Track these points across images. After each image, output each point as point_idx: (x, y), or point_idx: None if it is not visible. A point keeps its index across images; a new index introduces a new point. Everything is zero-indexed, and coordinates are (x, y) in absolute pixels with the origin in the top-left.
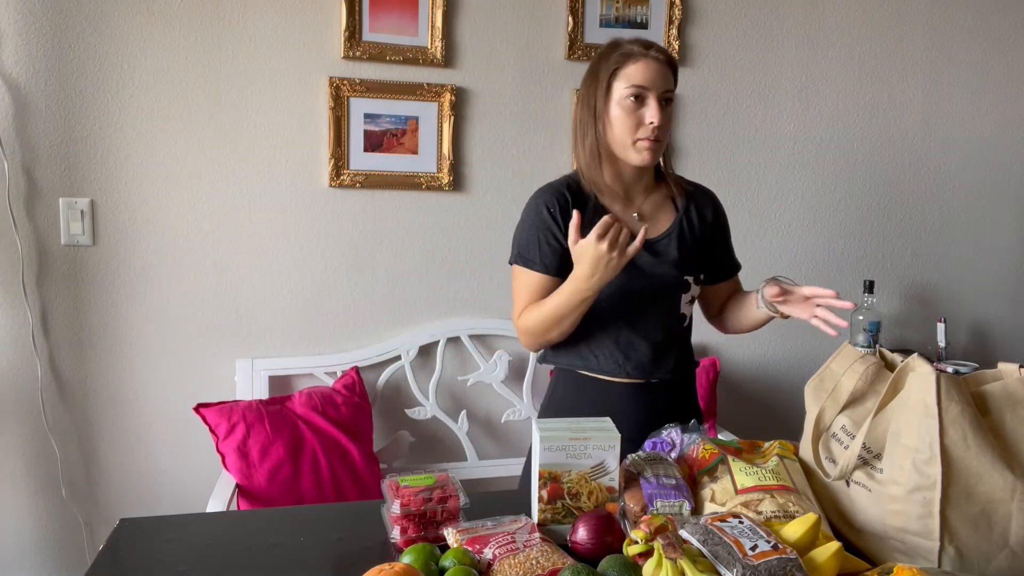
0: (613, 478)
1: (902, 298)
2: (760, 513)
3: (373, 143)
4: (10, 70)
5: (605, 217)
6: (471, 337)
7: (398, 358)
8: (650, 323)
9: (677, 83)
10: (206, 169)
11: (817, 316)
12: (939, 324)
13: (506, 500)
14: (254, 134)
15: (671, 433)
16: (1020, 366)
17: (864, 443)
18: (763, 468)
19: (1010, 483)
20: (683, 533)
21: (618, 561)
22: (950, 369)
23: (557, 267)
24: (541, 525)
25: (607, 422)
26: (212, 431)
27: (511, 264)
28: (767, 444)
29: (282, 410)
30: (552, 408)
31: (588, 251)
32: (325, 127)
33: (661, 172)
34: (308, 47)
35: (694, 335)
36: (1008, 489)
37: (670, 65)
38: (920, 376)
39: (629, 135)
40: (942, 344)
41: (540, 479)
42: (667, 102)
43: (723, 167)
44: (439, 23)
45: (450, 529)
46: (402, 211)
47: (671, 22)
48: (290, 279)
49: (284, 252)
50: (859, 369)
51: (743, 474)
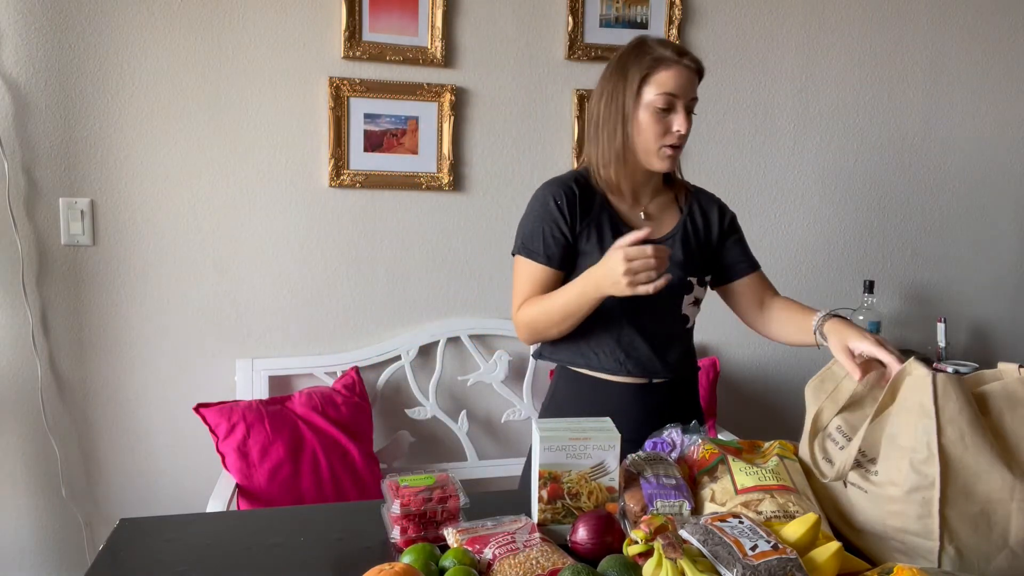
0: (613, 478)
1: (902, 298)
2: (760, 513)
3: (373, 143)
4: (10, 70)
5: (640, 233)
6: (471, 337)
7: (398, 358)
8: (652, 323)
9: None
10: (206, 169)
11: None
12: (939, 324)
13: (506, 500)
14: (254, 134)
15: (671, 433)
16: (1020, 366)
17: (860, 447)
18: (763, 468)
19: (1009, 483)
20: (683, 533)
21: (618, 561)
22: (950, 369)
23: (560, 260)
24: (541, 525)
25: (607, 422)
26: (212, 431)
27: (514, 255)
28: (767, 444)
29: (282, 410)
30: (553, 408)
31: (611, 262)
32: (325, 127)
33: (669, 174)
34: (308, 47)
35: (694, 335)
36: (1008, 489)
37: (699, 73)
38: (917, 379)
39: (655, 141)
40: (942, 344)
41: (540, 479)
42: (691, 111)
43: (723, 167)
44: (439, 23)
45: (450, 529)
46: (402, 211)
47: (671, 22)
48: (290, 279)
49: (284, 252)
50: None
51: (743, 474)
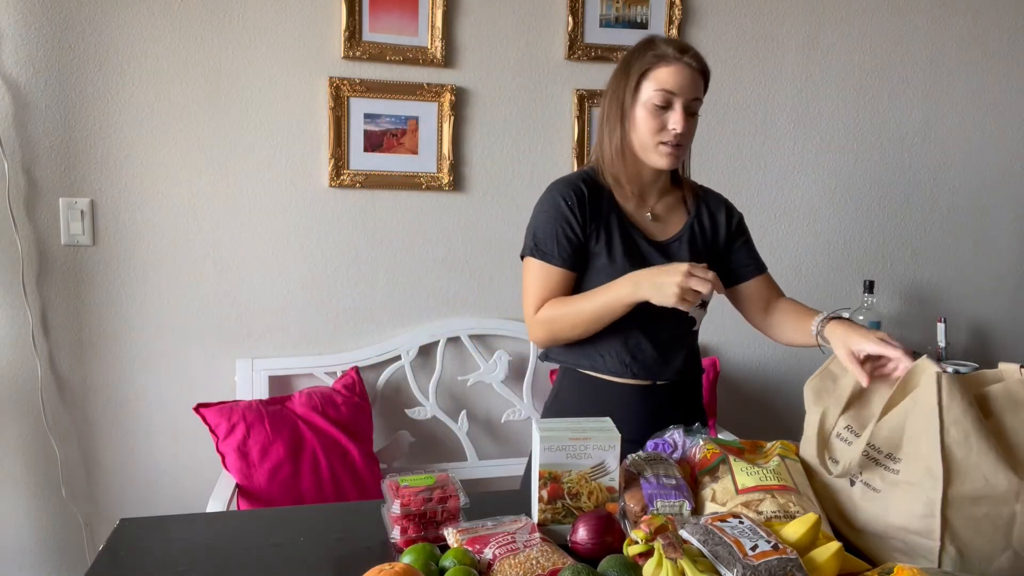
0: (613, 478)
1: (902, 298)
2: (760, 513)
3: (373, 143)
4: (10, 70)
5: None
6: (471, 337)
7: (398, 358)
8: (658, 325)
9: (707, 90)
10: (206, 169)
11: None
12: (939, 324)
13: (506, 500)
14: (254, 134)
15: (673, 435)
16: (1021, 366)
17: (873, 444)
18: (764, 468)
19: (1015, 485)
20: (683, 533)
21: (618, 561)
22: (950, 369)
23: (574, 261)
24: (541, 525)
25: (607, 422)
26: (212, 431)
27: (524, 256)
28: (769, 444)
29: (282, 410)
30: (556, 408)
31: (669, 271)
32: (325, 127)
33: (677, 175)
34: (308, 47)
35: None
36: (1013, 491)
37: (703, 73)
38: (928, 377)
39: (651, 137)
40: (942, 344)
41: (540, 479)
42: (693, 110)
43: (723, 167)
44: (439, 23)
45: (450, 529)
46: (402, 211)
47: (671, 22)
48: (290, 279)
49: (284, 252)
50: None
51: (744, 474)
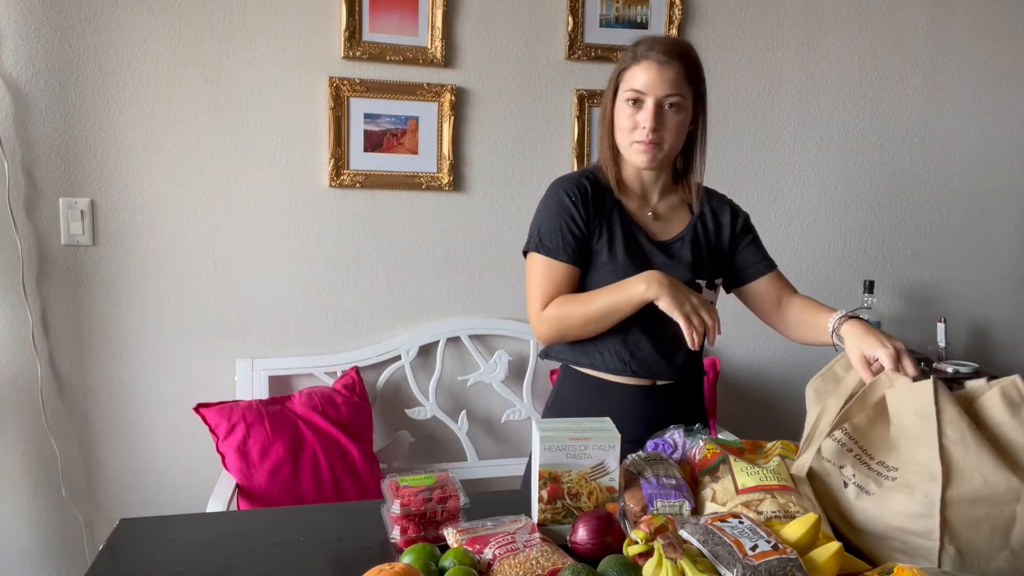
0: (613, 478)
1: (902, 298)
2: (760, 513)
3: (373, 143)
4: (10, 70)
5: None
6: (471, 337)
7: (398, 358)
8: (659, 324)
9: (701, 82)
10: (206, 169)
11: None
12: (939, 324)
13: (506, 500)
14: (254, 134)
15: (673, 435)
16: (988, 378)
17: (865, 448)
18: (764, 468)
19: (1015, 486)
20: (683, 533)
21: (618, 561)
22: (950, 369)
23: (578, 256)
24: (541, 525)
25: (607, 422)
26: (212, 431)
27: (527, 252)
28: (769, 444)
29: (282, 410)
30: (557, 408)
31: (688, 290)
32: (325, 127)
33: (678, 175)
34: (308, 47)
35: None
36: (1013, 492)
37: (682, 68)
38: (906, 386)
39: (626, 136)
40: (942, 344)
41: (540, 479)
42: (673, 106)
43: (723, 167)
44: (439, 23)
45: (450, 529)
46: (402, 211)
47: (671, 22)
48: (290, 279)
49: (284, 252)
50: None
51: (744, 474)
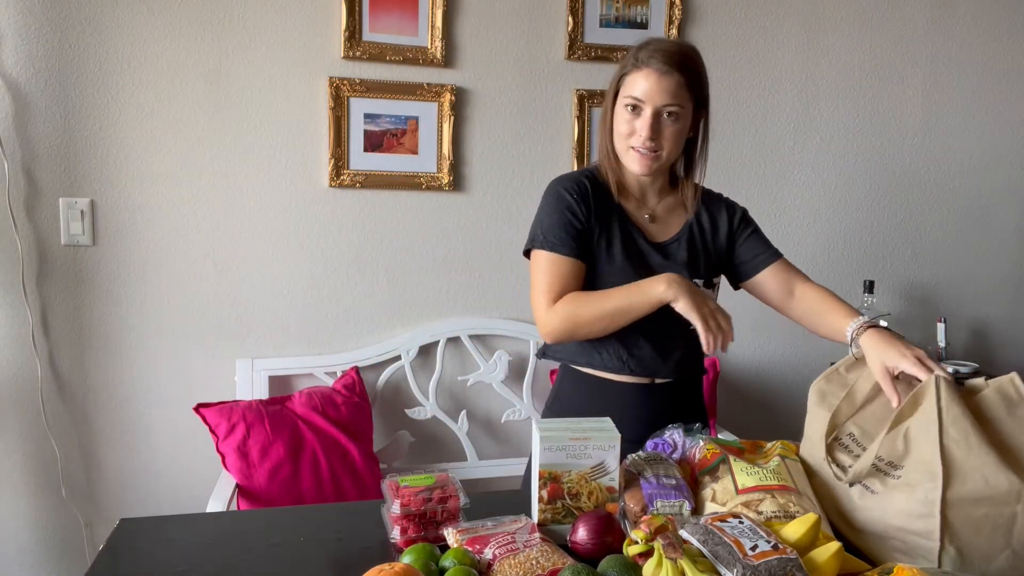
0: (613, 478)
1: (902, 298)
2: (760, 513)
3: (373, 143)
4: (10, 70)
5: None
6: (471, 337)
7: (398, 358)
8: (656, 323)
9: (703, 88)
10: (206, 169)
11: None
12: (939, 324)
13: (506, 500)
14: (254, 134)
15: (673, 435)
16: (986, 377)
17: (880, 455)
18: (764, 468)
19: (1016, 486)
20: (683, 533)
21: (618, 561)
22: (950, 369)
23: (581, 251)
24: (541, 525)
25: (607, 422)
26: (212, 431)
27: (531, 249)
28: (769, 444)
29: (282, 410)
30: (556, 408)
31: (708, 298)
32: (325, 127)
33: (676, 177)
34: (308, 47)
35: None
36: (1014, 492)
37: (682, 78)
38: (927, 382)
39: (623, 141)
40: (942, 344)
41: (540, 479)
42: (671, 115)
43: (723, 167)
44: (439, 23)
45: (450, 529)
46: (402, 211)
47: (671, 22)
48: (290, 279)
49: (284, 252)
50: (865, 373)
51: (744, 474)
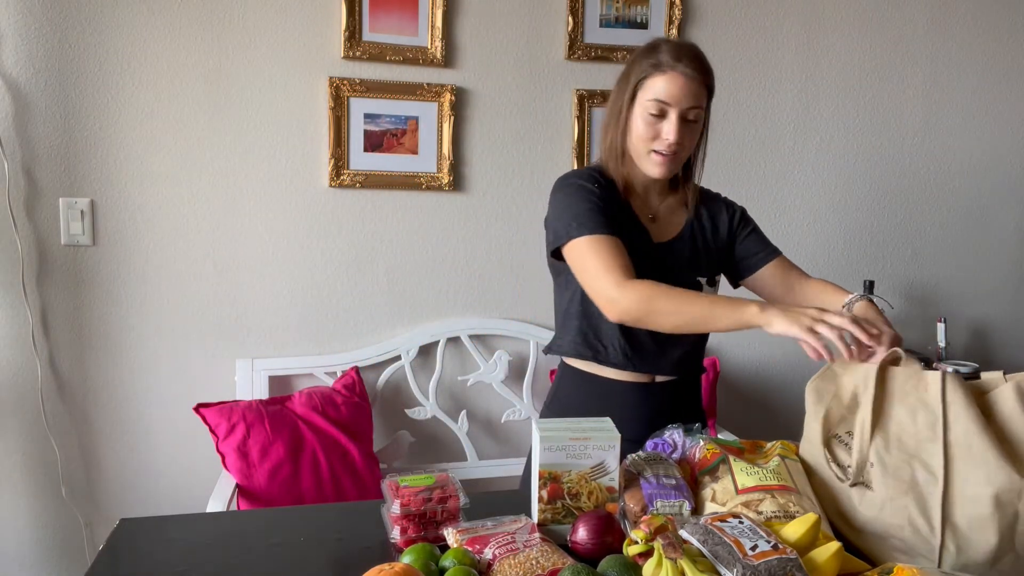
0: (613, 478)
1: (902, 298)
2: (760, 513)
3: (373, 143)
4: (10, 70)
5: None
6: (471, 337)
7: (398, 358)
8: None
9: (713, 94)
10: (206, 169)
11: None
12: (939, 324)
13: (506, 500)
14: (254, 134)
15: (673, 434)
16: (1004, 372)
17: (875, 448)
18: (764, 468)
19: (1017, 485)
20: (683, 533)
21: (618, 561)
22: (950, 369)
23: (618, 231)
24: (541, 525)
25: (607, 422)
26: (212, 431)
27: (567, 241)
28: (769, 444)
29: (282, 410)
30: (556, 407)
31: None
32: (325, 127)
33: (676, 177)
34: (308, 47)
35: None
36: (1016, 491)
37: (703, 80)
38: (911, 374)
39: (644, 145)
40: (942, 344)
41: (540, 479)
42: (694, 117)
43: (723, 167)
44: (439, 23)
45: (450, 529)
46: (402, 211)
47: (671, 22)
48: (290, 279)
49: (284, 252)
50: (859, 370)
51: (744, 474)
